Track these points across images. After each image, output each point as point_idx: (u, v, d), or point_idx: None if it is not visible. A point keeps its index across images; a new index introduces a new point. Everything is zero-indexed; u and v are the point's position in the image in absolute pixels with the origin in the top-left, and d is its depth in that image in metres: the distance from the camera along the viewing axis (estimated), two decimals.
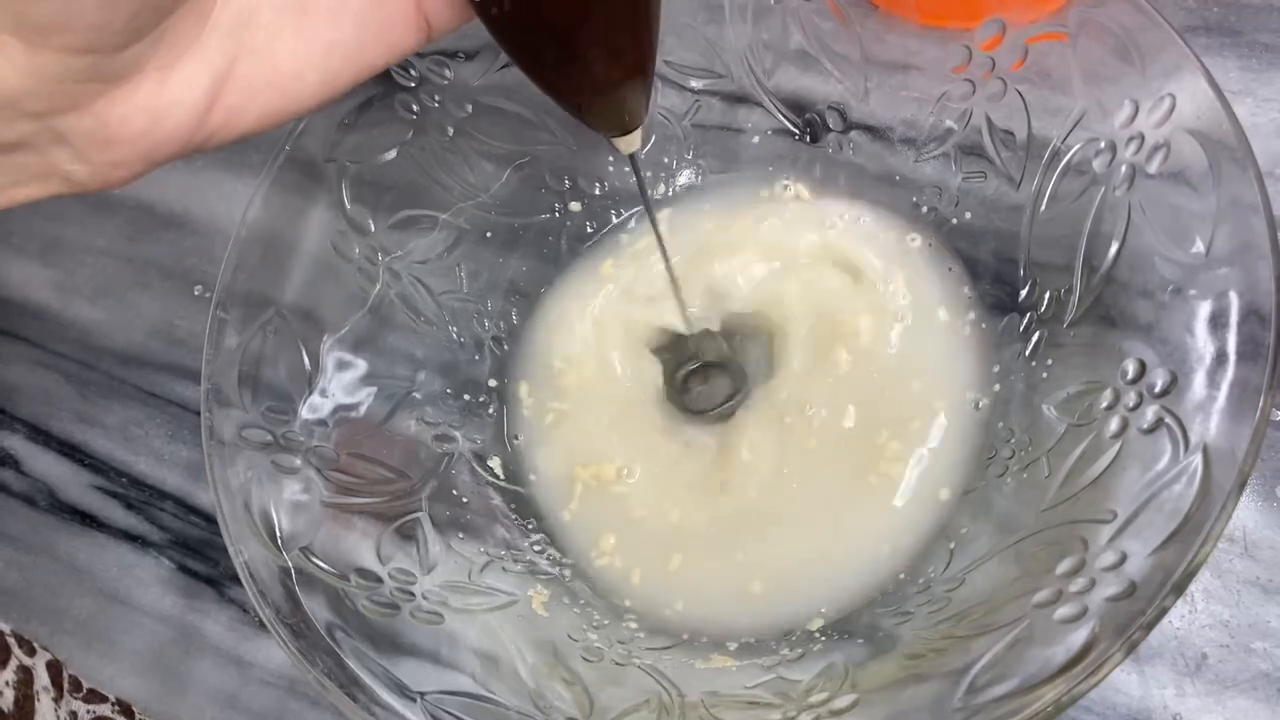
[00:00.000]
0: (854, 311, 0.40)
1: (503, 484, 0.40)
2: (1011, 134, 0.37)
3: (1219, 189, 0.31)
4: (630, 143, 0.31)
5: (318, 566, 0.33)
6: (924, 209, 0.41)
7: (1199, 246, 0.31)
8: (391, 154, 0.39)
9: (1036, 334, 0.36)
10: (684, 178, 0.45)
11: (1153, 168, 0.33)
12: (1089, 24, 0.34)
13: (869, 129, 0.41)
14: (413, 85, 0.39)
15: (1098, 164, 0.34)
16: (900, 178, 0.41)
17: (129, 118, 0.24)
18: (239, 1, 0.25)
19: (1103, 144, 0.34)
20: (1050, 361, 0.36)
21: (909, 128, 0.40)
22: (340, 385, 0.38)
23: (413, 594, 0.34)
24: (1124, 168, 0.33)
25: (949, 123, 0.39)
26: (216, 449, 0.33)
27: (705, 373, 0.44)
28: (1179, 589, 0.25)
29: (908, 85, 0.40)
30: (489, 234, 0.42)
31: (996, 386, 0.37)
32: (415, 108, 0.39)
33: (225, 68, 0.25)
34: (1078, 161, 0.35)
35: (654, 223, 0.36)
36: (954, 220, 0.40)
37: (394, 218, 0.40)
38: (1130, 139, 0.33)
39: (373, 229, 0.39)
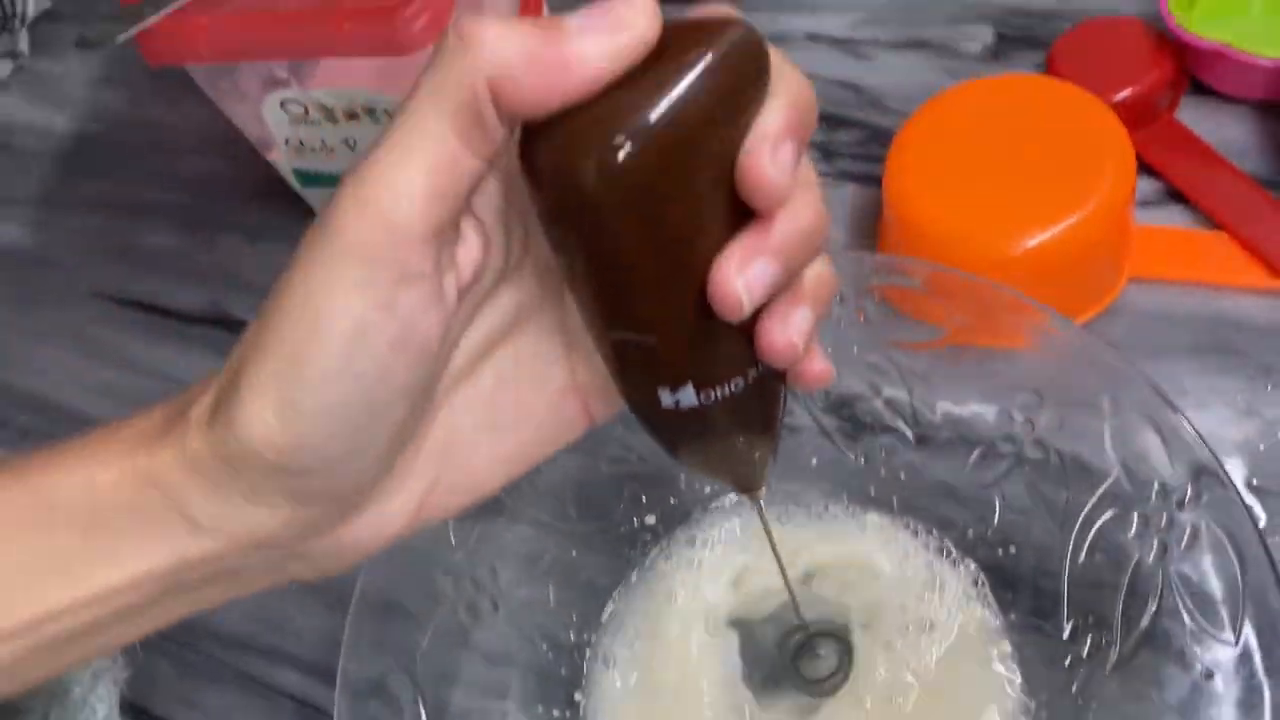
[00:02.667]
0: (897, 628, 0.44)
1: None
2: (1053, 487, 0.42)
3: (1245, 580, 0.35)
4: (756, 495, 0.34)
5: None
6: (969, 534, 0.45)
7: (1228, 633, 0.35)
8: None
9: (1081, 671, 0.40)
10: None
11: (1181, 547, 0.37)
12: (1122, 404, 0.39)
13: (917, 460, 0.46)
14: None
15: (1132, 532, 0.39)
16: (947, 507, 0.45)
17: (358, 534, 0.29)
18: (444, 425, 0.29)
19: (1135, 515, 0.39)
20: (1095, 705, 0.39)
21: (955, 458, 0.45)
22: (440, 700, 0.42)
23: None
24: (1155, 541, 0.38)
25: (993, 470, 0.43)
26: None
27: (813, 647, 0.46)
28: None
29: (955, 414, 0.45)
30: (574, 551, 0.46)
31: (1043, 714, 0.41)
32: None
33: (434, 481, 0.30)
34: (1113, 525, 0.40)
35: (773, 546, 0.38)
36: (999, 552, 0.44)
37: (488, 545, 0.44)
38: (1160, 515, 0.38)
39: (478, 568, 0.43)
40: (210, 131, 0.70)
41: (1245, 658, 0.34)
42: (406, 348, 0.25)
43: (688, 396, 0.28)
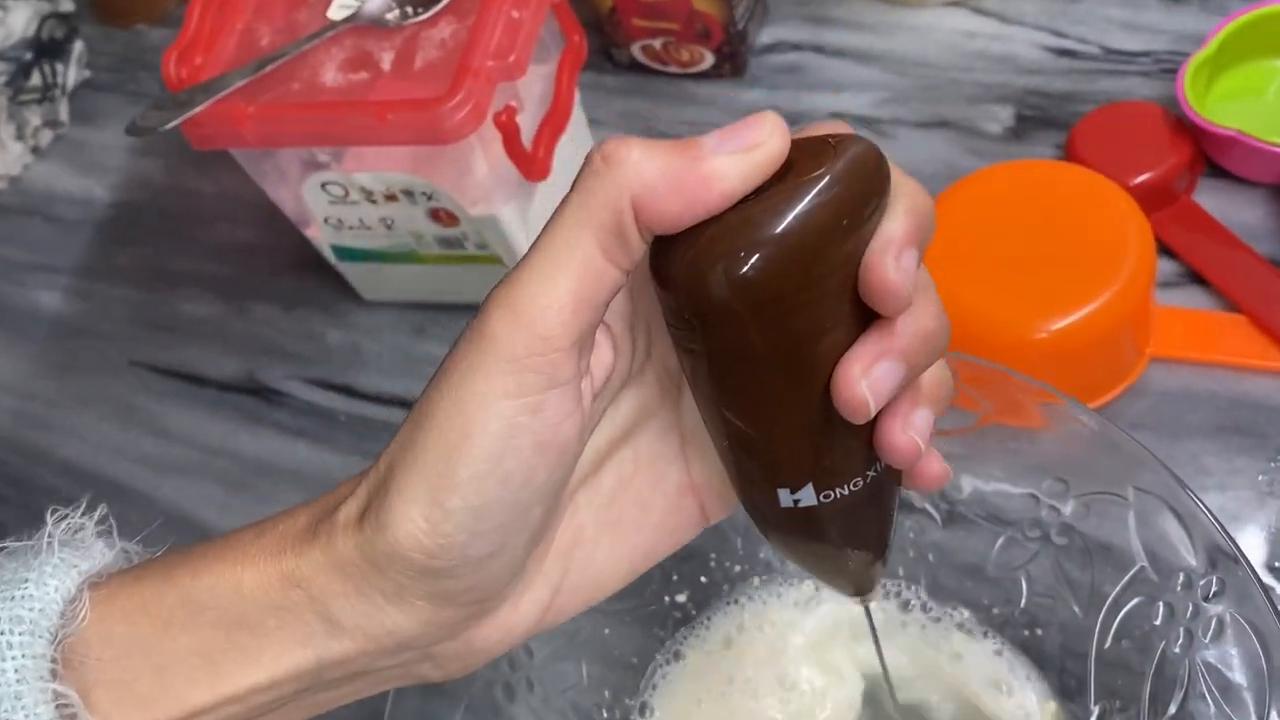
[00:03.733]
0: None
1: None
2: (1079, 570, 0.42)
3: (1270, 670, 0.36)
4: (867, 600, 0.35)
5: None
6: (995, 613, 0.46)
7: None
8: None
9: None
10: (765, 562, 0.50)
11: (1206, 638, 0.38)
12: (1143, 489, 0.40)
13: (944, 540, 0.47)
14: None
15: (1157, 620, 0.39)
16: (975, 587, 0.46)
17: (489, 636, 0.30)
18: (570, 526, 0.31)
19: (1160, 605, 0.39)
20: None
21: (982, 549, 0.45)
22: None
23: None
24: (1181, 630, 0.39)
25: (1020, 552, 0.44)
26: None
27: None
28: None
29: (982, 511, 0.46)
30: (607, 630, 0.47)
31: None
32: None
33: (559, 582, 0.31)
34: (1138, 612, 0.40)
35: (876, 639, 0.39)
36: (1025, 633, 0.45)
37: None
38: (1186, 605, 0.38)
39: None
40: (247, 202, 0.72)
41: None
42: (549, 449, 0.27)
43: (807, 496, 0.28)
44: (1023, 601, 0.45)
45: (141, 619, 0.28)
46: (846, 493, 0.29)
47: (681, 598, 0.49)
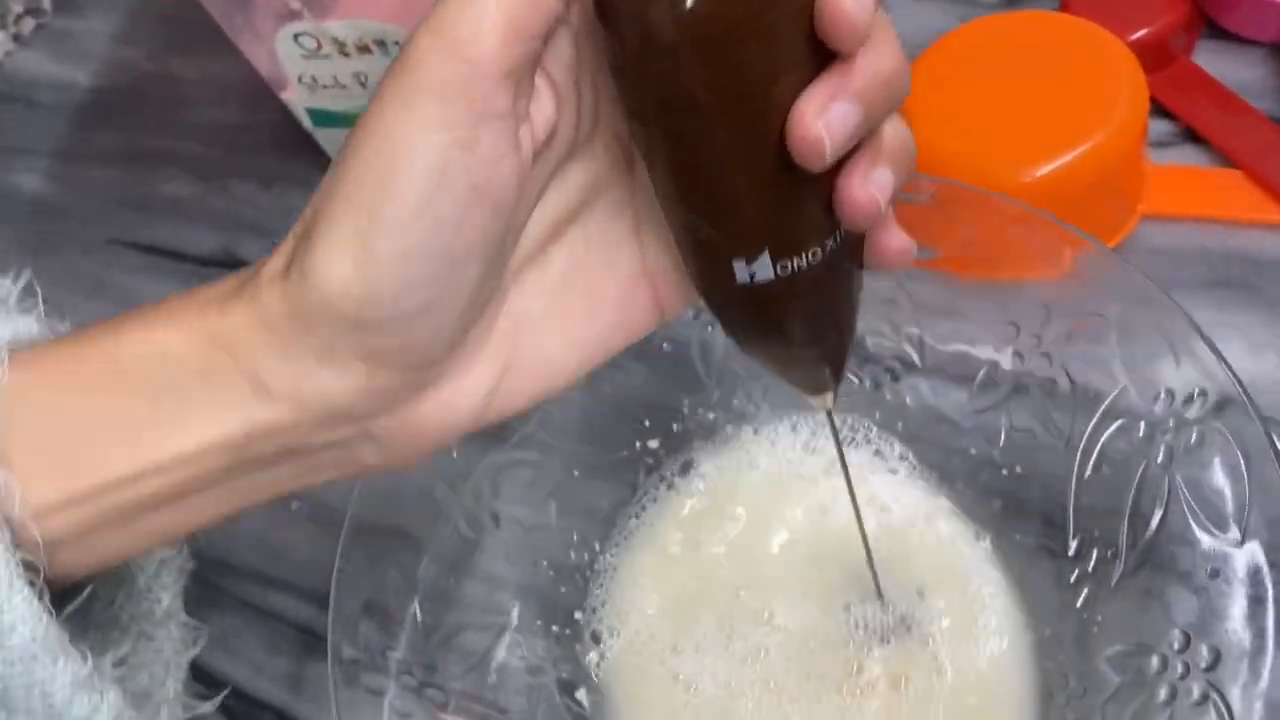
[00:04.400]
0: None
1: (588, 717, 0.43)
2: (1058, 407, 0.41)
3: (1250, 478, 0.34)
4: (825, 400, 0.33)
5: None
6: (972, 451, 0.44)
7: (1234, 532, 0.34)
8: None
9: (1086, 588, 0.40)
10: (739, 410, 0.48)
11: (1187, 451, 0.36)
12: (1127, 320, 0.39)
13: (923, 386, 0.45)
14: None
15: (1138, 440, 0.38)
16: (952, 425, 0.45)
17: (430, 414, 0.28)
18: (516, 308, 0.29)
19: (1142, 424, 0.38)
20: (1100, 617, 0.39)
21: (962, 381, 0.44)
22: (438, 619, 0.41)
23: None
24: (1162, 447, 0.37)
25: (1000, 385, 0.43)
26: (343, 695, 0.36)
27: None
28: None
29: (960, 339, 0.44)
30: (576, 472, 0.46)
31: (1047, 631, 0.41)
32: None
33: (505, 363, 0.29)
34: (1119, 435, 0.39)
35: (844, 464, 0.37)
36: (1004, 471, 0.43)
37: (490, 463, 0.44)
38: (1167, 422, 0.37)
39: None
40: (227, 84, 0.71)
41: (1251, 557, 0.34)
42: (484, 195, 0.25)
43: (763, 268, 0.27)
44: (1002, 441, 0.43)
45: (63, 384, 0.27)
46: (805, 264, 0.27)
47: (654, 444, 0.48)
